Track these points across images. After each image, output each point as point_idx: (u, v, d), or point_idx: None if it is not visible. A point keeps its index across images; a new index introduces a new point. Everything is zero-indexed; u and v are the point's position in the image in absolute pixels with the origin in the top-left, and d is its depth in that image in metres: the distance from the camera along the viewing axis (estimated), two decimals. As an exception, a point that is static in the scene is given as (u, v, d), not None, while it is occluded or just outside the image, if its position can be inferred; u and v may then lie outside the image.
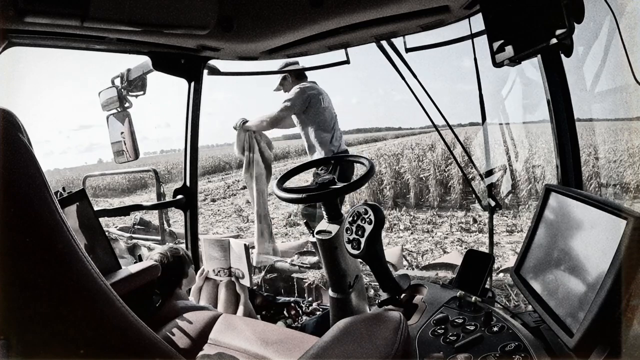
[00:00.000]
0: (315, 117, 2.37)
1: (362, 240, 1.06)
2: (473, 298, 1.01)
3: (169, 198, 1.84)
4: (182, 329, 1.17)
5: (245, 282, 1.73)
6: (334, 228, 1.26)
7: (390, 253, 2.82)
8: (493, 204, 1.51)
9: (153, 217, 3.15)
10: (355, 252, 1.08)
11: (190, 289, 1.77)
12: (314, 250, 2.53)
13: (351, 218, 1.11)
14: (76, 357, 0.45)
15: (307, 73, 2.44)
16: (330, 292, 1.33)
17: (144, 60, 1.56)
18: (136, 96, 1.65)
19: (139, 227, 3.02)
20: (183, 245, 1.71)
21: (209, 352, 1.10)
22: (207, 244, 1.79)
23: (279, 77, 2.42)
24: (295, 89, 2.33)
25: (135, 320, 0.52)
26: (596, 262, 0.72)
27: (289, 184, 1.41)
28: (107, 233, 1.38)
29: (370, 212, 1.07)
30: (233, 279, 1.78)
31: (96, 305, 0.49)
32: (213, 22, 1.18)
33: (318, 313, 1.93)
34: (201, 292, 1.82)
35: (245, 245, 1.68)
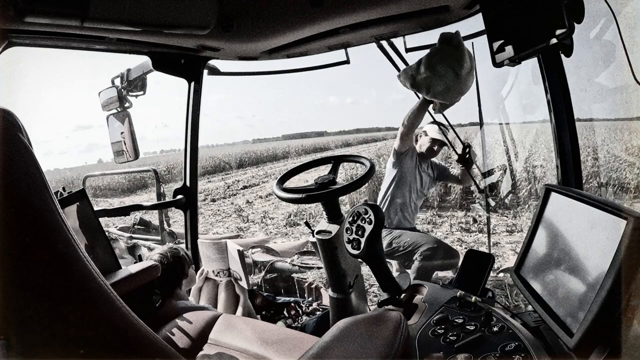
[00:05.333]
0: None
1: (362, 240, 1.06)
2: (473, 298, 1.01)
3: (169, 198, 1.84)
4: (182, 329, 1.17)
5: (243, 284, 1.73)
6: (334, 228, 1.26)
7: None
8: (492, 203, 1.51)
9: (153, 217, 3.14)
10: (355, 252, 1.08)
11: (190, 289, 1.77)
12: (314, 250, 2.53)
13: (351, 218, 1.11)
14: (76, 357, 0.45)
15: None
16: (330, 292, 1.33)
17: (144, 60, 1.56)
18: (136, 96, 1.65)
19: (139, 227, 3.01)
20: (183, 245, 1.71)
21: (209, 352, 1.10)
22: (204, 246, 1.78)
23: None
24: None
25: (135, 320, 0.52)
26: (596, 262, 0.71)
27: (289, 184, 1.41)
28: (107, 233, 1.38)
29: (370, 212, 1.07)
30: (233, 279, 1.77)
31: (96, 305, 0.49)
32: (213, 22, 1.18)
33: (318, 313, 1.93)
34: (201, 292, 1.82)
35: (239, 250, 1.67)
